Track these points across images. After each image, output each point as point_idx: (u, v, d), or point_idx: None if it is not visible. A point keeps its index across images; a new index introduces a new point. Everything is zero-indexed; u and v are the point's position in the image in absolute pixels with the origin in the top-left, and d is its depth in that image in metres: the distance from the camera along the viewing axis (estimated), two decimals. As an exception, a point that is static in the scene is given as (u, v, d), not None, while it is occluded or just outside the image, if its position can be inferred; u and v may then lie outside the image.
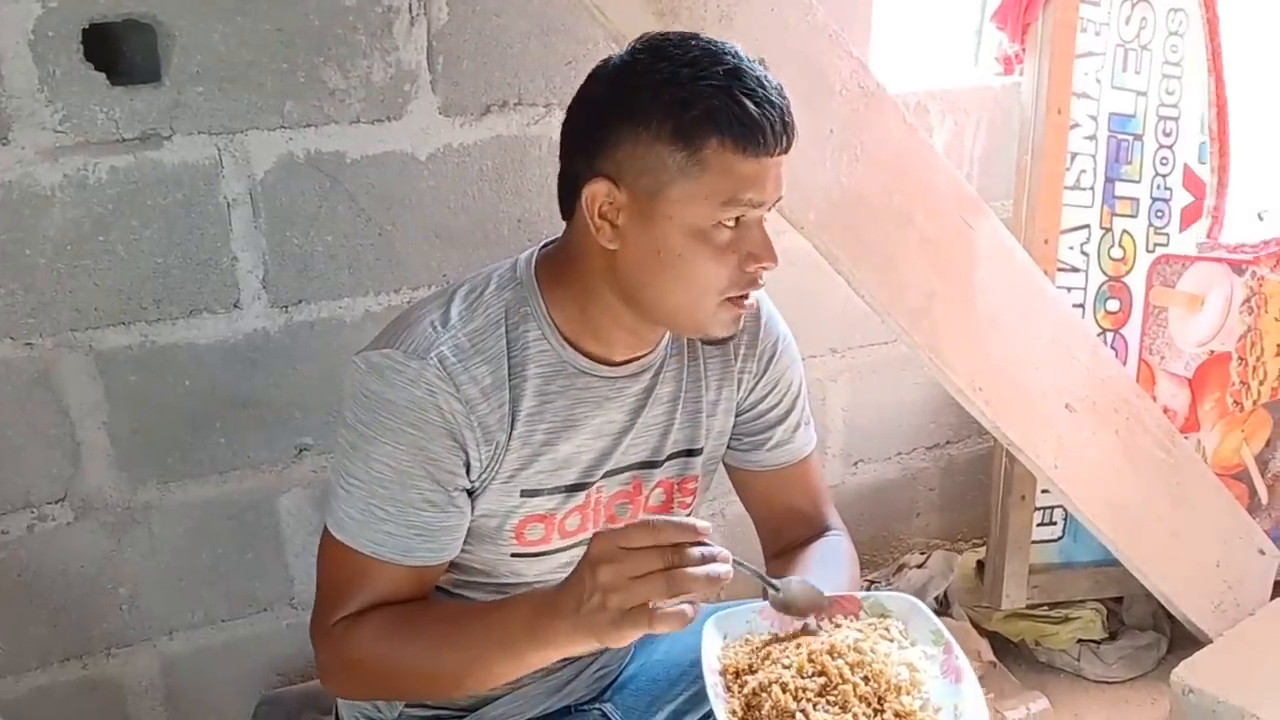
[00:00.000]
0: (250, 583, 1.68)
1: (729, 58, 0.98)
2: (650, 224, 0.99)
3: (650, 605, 0.87)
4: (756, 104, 0.96)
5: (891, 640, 1.01)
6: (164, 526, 1.59)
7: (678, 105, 0.96)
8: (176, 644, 1.66)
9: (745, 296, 1.04)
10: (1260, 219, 1.60)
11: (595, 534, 0.91)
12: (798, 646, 1.00)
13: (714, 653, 1.01)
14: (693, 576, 0.86)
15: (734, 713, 0.96)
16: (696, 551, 0.88)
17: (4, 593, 1.51)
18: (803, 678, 0.96)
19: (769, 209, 1.03)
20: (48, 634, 1.56)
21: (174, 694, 1.68)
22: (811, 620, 1.04)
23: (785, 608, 1.03)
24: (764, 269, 1.03)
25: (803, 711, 0.93)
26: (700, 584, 0.87)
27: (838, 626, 1.03)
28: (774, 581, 1.03)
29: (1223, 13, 1.61)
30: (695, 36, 1.00)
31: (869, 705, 0.95)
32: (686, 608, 0.88)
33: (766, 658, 1.00)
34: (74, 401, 1.48)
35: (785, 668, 0.98)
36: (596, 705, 1.29)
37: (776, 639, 1.03)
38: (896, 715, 0.94)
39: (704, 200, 0.98)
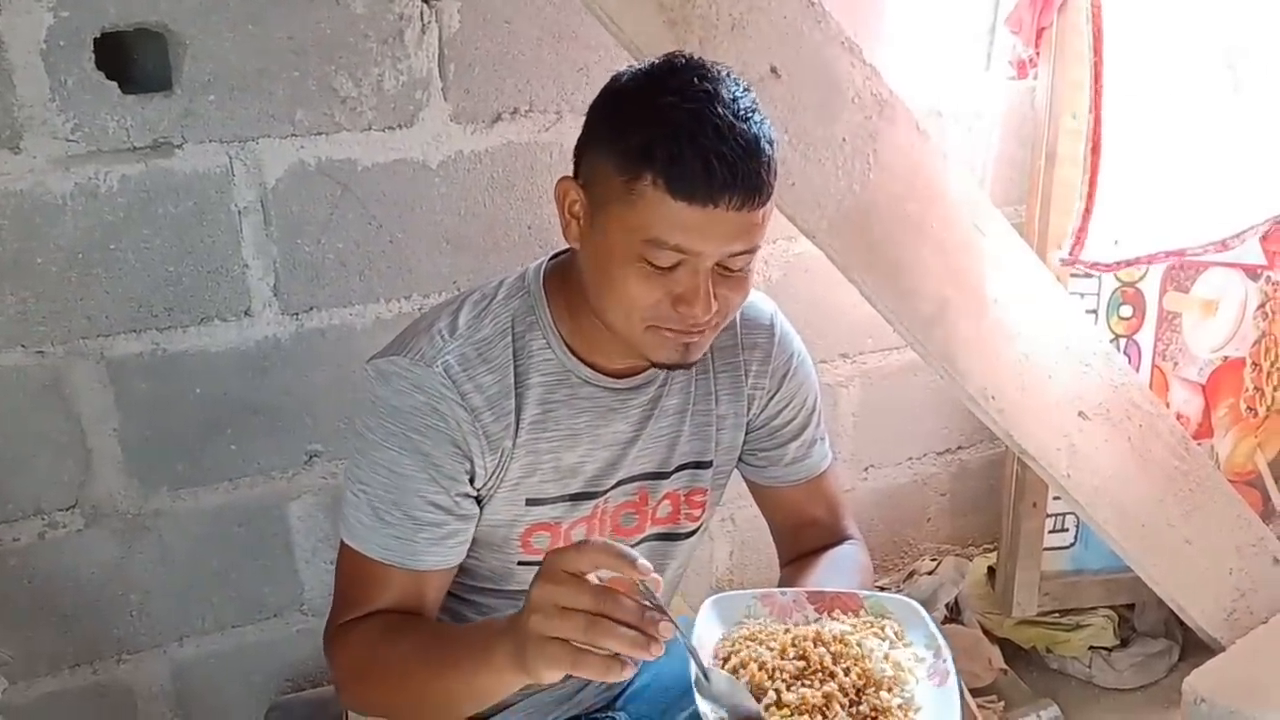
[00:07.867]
0: (260, 589, 1.68)
1: (705, 95, 0.91)
2: (594, 231, 0.99)
3: (574, 643, 0.80)
4: (704, 152, 0.89)
5: (884, 639, 1.01)
6: (174, 533, 1.59)
7: (628, 128, 0.94)
8: (187, 650, 1.66)
9: (681, 332, 0.99)
10: (1115, 244, 1.81)
11: (549, 552, 0.85)
12: (785, 632, 1.00)
13: (713, 636, 1.01)
14: (616, 632, 0.79)
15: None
16: (636, 606, 0.80)
17: (15, 599, 1.51)
18: (783, 659, 0.96)
19: (722, 261, 0.96)
20: (59, 640, 1.57)
21: (184, 700, 1.68)
22: (810, 611, 1.05)
23: (710, 696, 0.94)
24: (692, 317, 0.97)
25: (775, 690, 0.93)
26: (622, 644, 0.79)
27: (835, 620, 1.04)
28: (707, 670, 0.93)
29: (1108, 58, 1.68)
30: (702, 66, 0.95)
31: (845, 695, 0.94)
32: (616, 662, 0.80)
33: (751, 639, 1.00)
34: (85, 409, 1.48)
35: (767, 649, 0.97)
36: (608, 713, 1.29)
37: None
38: (873, 709, 0.93)
39: (631, 231, 0.94)
